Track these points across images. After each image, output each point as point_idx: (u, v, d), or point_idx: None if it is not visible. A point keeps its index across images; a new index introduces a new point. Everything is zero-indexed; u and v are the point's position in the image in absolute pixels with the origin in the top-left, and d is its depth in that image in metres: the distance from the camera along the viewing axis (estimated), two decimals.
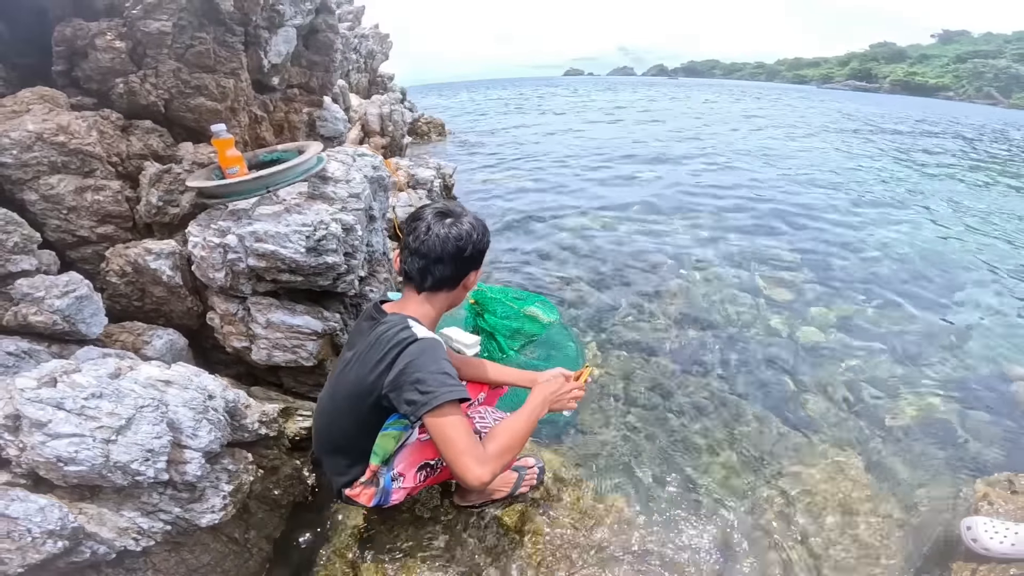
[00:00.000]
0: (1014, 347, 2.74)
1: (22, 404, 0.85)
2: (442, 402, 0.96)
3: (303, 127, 2.94)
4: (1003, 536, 1.45)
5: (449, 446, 0.97)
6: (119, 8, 2.22)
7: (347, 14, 9.37)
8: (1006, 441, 2.07)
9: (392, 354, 1.01)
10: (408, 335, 1.04)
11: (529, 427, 1.15)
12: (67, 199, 1.73)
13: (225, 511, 1.01)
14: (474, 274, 1.25)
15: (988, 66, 52.45)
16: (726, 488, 1.79)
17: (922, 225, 4.90)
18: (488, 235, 1.25)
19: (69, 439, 0.83)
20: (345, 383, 1.11)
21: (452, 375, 1.02)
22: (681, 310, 2.99)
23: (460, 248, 1.14)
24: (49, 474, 0.84)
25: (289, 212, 1.55)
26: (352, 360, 1.11)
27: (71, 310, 1.24)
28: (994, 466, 1.93)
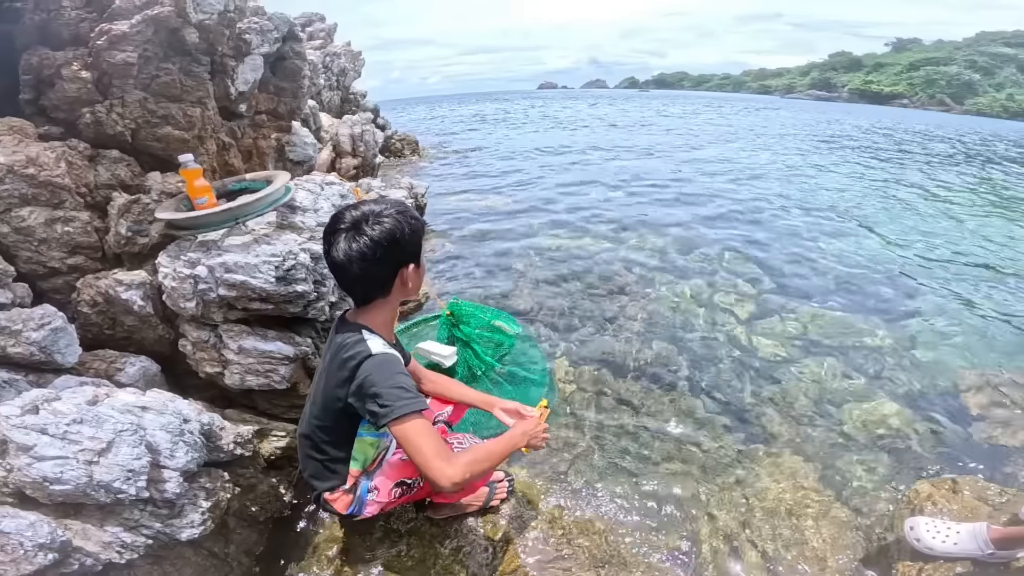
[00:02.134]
0: (962, 354, 2.92)
1: (8, 430, 0.92)
2: (400, 414, 1.02)
3: (272, 152, 3.03)
4: (945, 536, 1.51)
5: (416, 451, 1.03)
6: (84, 38, 2.31)
7: (319, 32, 9.47)
8: (953, 445, 2.22)
9: (350, 367, 1.10)
10: (363, 350, 1.10)
11: (505, 454, 1.22)
12: (38, 231, 1.79)
13: (204, 526, 1.09)
14: (408, 269, 1.21)
15: (940, 73, 55.75)
16: (688, 497, 1.90)
17: (874, 234, 5.19)
18: (409, 226, 1.17)
19: (54, 461, 0.90)
20: (319, 393, 1.20)
21: (407, 387, 1.08)
22: (646, 326, 3.13)
23: (369, 260, 1.11)
24: (35, 493, 0.91)
25: (258, 243, 1.65)
26: (322, 371, 1.20)
27: (47, 341, 1.31)
28: (941, 469, 2.07)
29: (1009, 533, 1.44)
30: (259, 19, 3.01)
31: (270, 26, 3.06)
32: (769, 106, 37.27)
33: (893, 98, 56.48)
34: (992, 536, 1.44)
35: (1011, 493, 1.76)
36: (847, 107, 45.14)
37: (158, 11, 2.29)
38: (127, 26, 2.20)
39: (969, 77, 53.92)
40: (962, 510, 1.70)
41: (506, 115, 23.44)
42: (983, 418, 2.39)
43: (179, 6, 2.36)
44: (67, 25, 2.26)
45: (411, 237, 1.17)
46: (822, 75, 73.63)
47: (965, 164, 10.88)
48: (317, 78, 6.70)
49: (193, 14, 2.42)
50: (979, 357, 2.91)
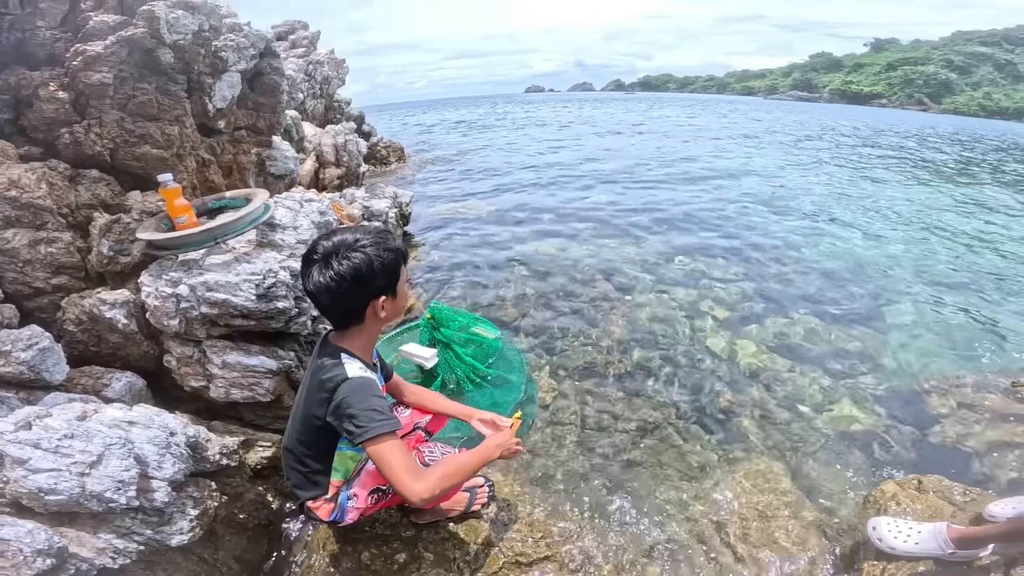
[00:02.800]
0: (930, 358, 3.06)
1: (3, 445, 0.99)
2: (374, 435, 1.10)
3: (253, 168, 3.09)
4: (906, 535, 1.55)
5: (388, 468, 1.11)
6: (60, 58, 2.37)
7: (302, 39, 9.48)
8: (920, 446, 2.33)
9: (327, 388, 1.17)
10: (339, 373, 1.17)
11: (477, 466, 1.30)
12: (22, 253, 1.85)
13: (193, 533, 1.15)
14: (380, 301, 1.24)
15: (918, 72, 57.25)
16: (666, 500, 1.99)
17: (850, 237, 5.36)
18: (380, 260, 1.19)
19: (48, 473, 0.97)
20: (300, 409, 1.28)
21: (380, 409, 1.15)
22: (627, 333, 3.23)
23: (335, 293, 1.16)
24: (31, 503, 0.98)
25: (238, 261, 1.72)
26: (303, 390, 1.28)
27: (35, 361, 1.37)
28: (906, 469, 2.16)
29: (969, 533, 1.48)
30: (235, 36, 3.07)
31: (246, 43, 3.12)
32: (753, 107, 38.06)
33: (872, 98, 57.90)
34: (952, 535, 1.47)
35: (975, 493, 1.82)
36: (828, 107, 46.23)
37: (132, 32, 2.32)
38: (102, 47, 2.25)
39: (946, 76, 55.38)
40: (926, 509, 1.75)
41: (493, 120, 23.62)
42: (949, 420, 2.50)
43: (152, 28, 2.39)
44: (42, 45, 2.31)
45: (382, 271, 1.20)
46: (803, 76, 75.27)
47: (941, 165, 11.26)
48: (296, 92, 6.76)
49: (167, 35, 2.46)
50: (946, 360, 3.03)
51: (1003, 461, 2.20)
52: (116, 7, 2.48)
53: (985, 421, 2.46)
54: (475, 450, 1.36)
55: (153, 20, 2.36)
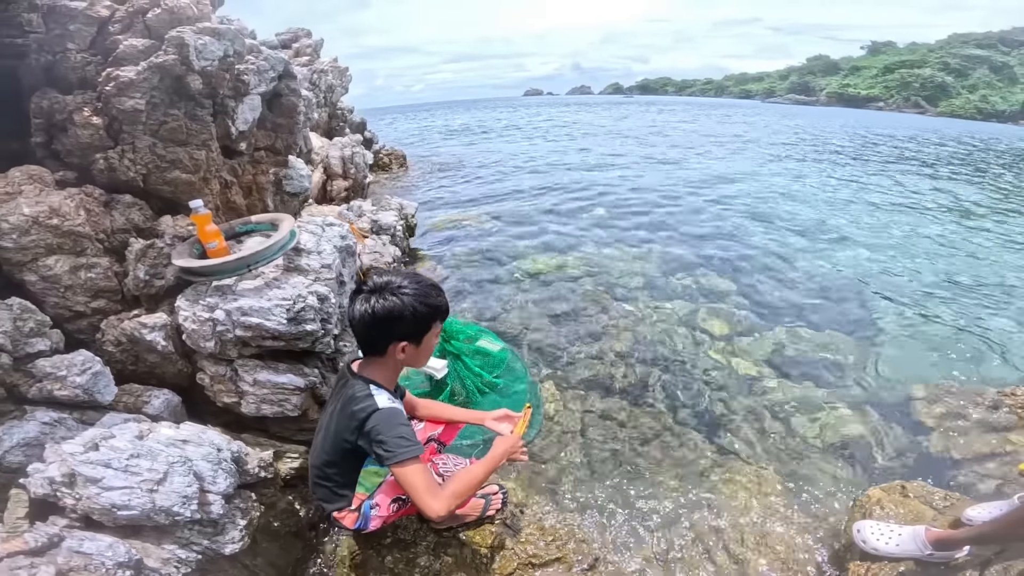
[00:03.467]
0: (916, 367, 3.18)
1: (77, 465, 1.11)
2: (401, 459, 1.25)
3: (270, 187, 3.21)
4: (888, 538, 1.67)
5: (411, 488, 1.26)
6: (91, 81, 2.46)
7: (306, 47, 9.59)
8: (906, 453, 2.45)
9: (360, 417, 1.31)
10: (371, 404, 1.31)
11: (487, 474, 1.44)
12: (64, 279, 1.97)
13: (243, 542, 1.28)
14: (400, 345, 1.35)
15: (914, 76, 57.52)
16: (666, 506, 2.12)
17: (843, 247, 5.49)
18: (417, 311, 1.32)
19: (120, 491, 1.09)
20: (330, 432, 1.41)
21: (407, 436, 1.29)
22: (628, 346, 3.35)
23: (368, 325, 1.30)
24: (102, 517, 1.10)
25: (269, 287, 1.84)
26: (333, 414, 1.41)
27: (89, 384, 1.49)
28: (893, 475, 2.28)
29: (946, 536, 1.60)
30: (255, 59, 3.19)
31: (266, 66, 3.24)
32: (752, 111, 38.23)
33: (869, 101, 58.18)
34: (930, 538, 1.60)
35: (955, 498, 1.95)
36: (825, 111, 46.46)
37: (163, 59, 2.40)
38: (134, 73, 2.33)
39: (942, 79, 55.63)
40: (908, 514, 1.86)
41: (493, 124, 23.77)
42: (935, 428, 2.62)
43: (182, 54, 2.47)
44: (74, 68, 2.40)
45: (412, 320, 1.33)
46: (801, 79, 75.64)
47: (936, 170, 11.40)
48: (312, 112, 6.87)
49: (196, 61, 2.52)
50: (934, 370, 3.15)
51: (983, 469, 2.32)
52: (143, 30, 2.55)
53: (969, 430, 2.58)
54: (483, 460, 1.49)
55: (183, 47, 2.43)
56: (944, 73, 56.33)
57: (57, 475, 1.10)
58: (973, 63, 56.96)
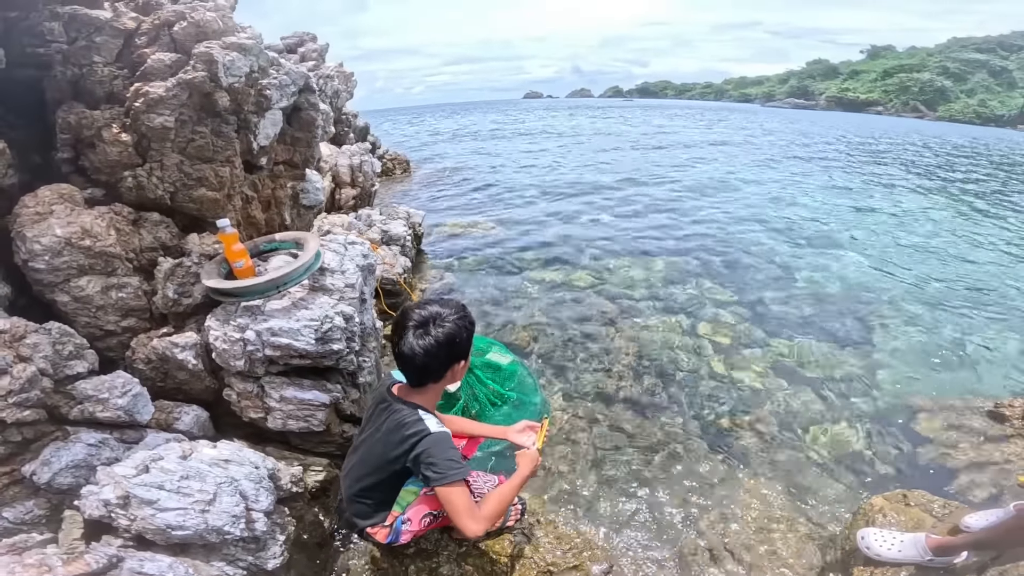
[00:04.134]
0: (917, 379, 3.26)
1: (132, 487, 1.17)
2: (451, 481, 1.34)
3: (288, 200, 3.28)
4: (891, 544, 1.75)
5: (453, 508, 1.35)
6: (119, 96, 2.43)
7: (311, 52, 9.62)
8: (905, 463, 2.53)
9: (412, 440, 1.39)
10: (423, 428, 1.39)
11: (517, 490, 1.56)
12: (96, 299, 2.03)
13: (283, 556, 1.34)
14: (459, 365, 1.47)
15: (913, 80, 57.73)
16: (675, 513, 2.20)
17: (844, 257, 5.56)
18: (467, 329, 1.44)
19: (175, 511, 1.16)
20: (374, 453, 1.49)
21: (456, 459, 1.38)
22: (636, 358, 3.43)
23: (431, 355, 1.38)
24: (155, 537, 1.17)
25: (296, 307, 1.91)
26: (376, 435, 1.48)
27: (129, 405, 1.56)
28: (894, 484, 2.36)
29: (945, 542, 1.69)
30: (277, 73, 3.23)
31: (287, 80, 3.28)
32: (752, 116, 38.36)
33: (868, 105, 58.39)
34: (930, 544, 1.68)
35: (953, 506, 2.02)
36: (824, 115, 46.62)
37: (192, 76, 2.38)
38: (163, 89, 2.32)
39: (941, 84, 55.80)
40: (908, 521, 1.95)
41: (494, 128, 23.86)
42: (935, 439, 2.70)
43: (211, 71, 2.44)
44: (101, 83, 2.39)
45: (466, 339, 1.45)
46: (800, 83, 75.86)
47: (935, 177, 11.49)
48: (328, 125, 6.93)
49: (224, 78, 2.50)
50: (935, 381, 3.24)
51: (980, 478, 2.41)
52: (170, 44, 2.54)
53: (967, 440, 2.67)
54: (512, 479, 1.58)
55: (211, 63, 2.42)
56: (943, 77, 56.52)
57: (112, 497, 1.17)
58: (972, 67, 57.15)
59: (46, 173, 2.49)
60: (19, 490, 1.32)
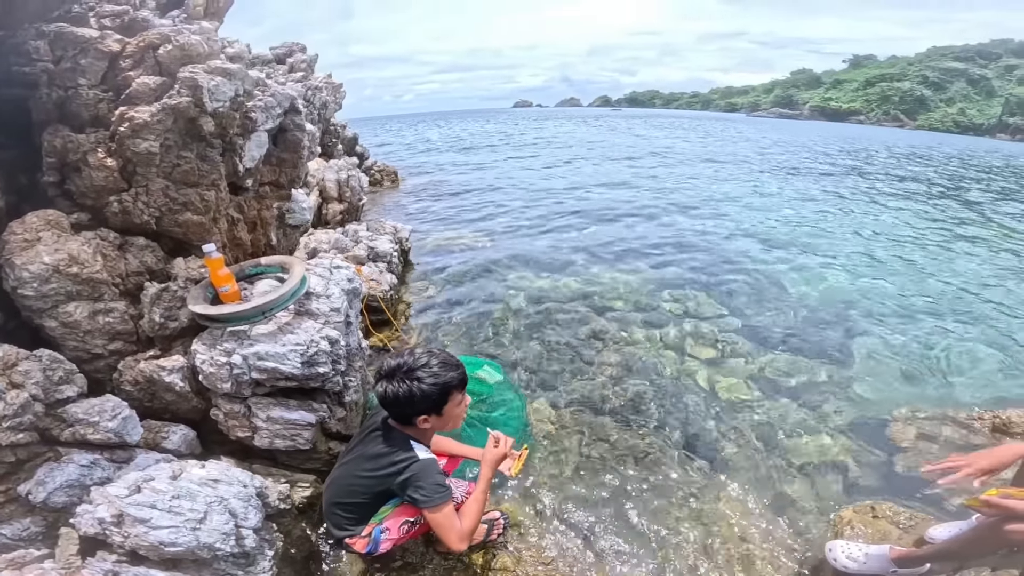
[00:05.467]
0: (892, 389, 3.38)
1: (125, 507, 1.26)
2: (438, 503, 1.48)
3: (273, 221, 3.37)
4: (857, 556, 1.83)
5: (440, 528, 1.50)
6: (104, 120, 2.47)
7: (300, 63, 9.70)
8: (879, 474, 2.62)
9: (400, 466, 1.53)
10: (412, 456, 1.54)
11: (485, 498, 1.66)
12: (83, 324, 2.10)
13: (272, 571, 1.42)
14: (423, 419, 1.59)
15: (894, 89, 59.48)
16: (656, 525, 2.29)
17: (824, 269, 5.73)
18: (430, 392, 1.54)
19: (168, 529, 1.24)
20: (361, 473, 1.59)
21: (443, 484, 1.52)
22: (619, 368, 3.54)
23: (395, 405, 1.55)
24: (148, 553, 1.25)
25: (283, 332, 2.00)
26: (366, 455, 1.59)
27: (119, 428, 1.64)
28: (867, 495, 2.45)
29: (909, 554, 1.78)
30: (263, 95, 3.32)
31: (273, 102, 3.37)
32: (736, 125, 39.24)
33: (851, 114, 60.07)
34: (894, 556, 1.77)
35: (919, 518, 2.13)
36: (808, 125, 47.80)
37: (177, 101, 2.42)
38: (148, 115, 2.35)
39: (921, 93, 57.51)
40: (876, 533, 2.05)
41: (483, 137, 24.12)
42: (907, 449, 2.80)
43: (196, 96, 2.48)
44: (86, 106, 2.43)
45: (423, 399, 1.55)
46: (785, 92, 77.82)
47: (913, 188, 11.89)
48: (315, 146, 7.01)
49: (209, 103, 2.54)
50: (910, 392, 3.35)
51: (950, 489, 2.52)
52: (154, 67, 2.56)
53: (938, 451, 2.76)
54: (477, 484, 1.70)
55: (196, 89, 2.46)
56: (923, 86, 58.24)
57: (107, 516, 1.25)
58: (951, 76, 58.86)
59: (33, 195, 2.54)
60: (15, 508, 1.40)
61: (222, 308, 2.04)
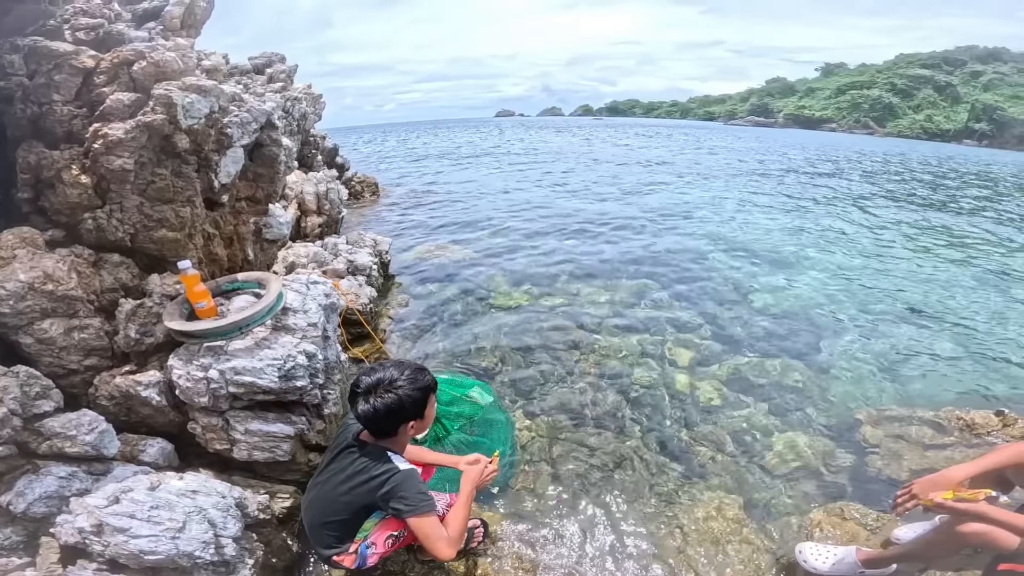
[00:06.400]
0: (863, 391, 3.50)
1: (105, 517, 1.30)
2: (421, 512, 1.52)
3: (250, 236, 3.40)
4: (826, 558, 1.89)
5: (425, 536, 1.53)
6: (78, 136, 2.49)
7: (279, 73, 9.68)
8: (848, 475, 2.70)
9: (381, 479, 1.56)
10: (392, 467, 1.58)
11: (469, 509, 1.72)
12: (59, 340, 2.12)
13: None
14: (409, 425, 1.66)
15: (864, 97, 61.38)
16: (635, 528, 2.35)
17: (795, 275, 5.92)
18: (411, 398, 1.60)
19: (147, 538, 1.28)
20: (338, 493, 1.62)
21: (426, 493, 1.56)
22: (598, 376, 3.62)
23: (377, 419, 1.58)
24: (128, 562, 1.29)
25: (260, 347, 2.05)
26: (341, 476, 1.63)
27: (96, 441, 1.67)
28: (838, 496, 2.53)
29: (875, 555, 1.85)
30: (239, 110, 3.36)
31: (249, 118, 3.41)
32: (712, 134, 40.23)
33: (823, 122, 62.02)
34: (861, 557, 1.85)
35: (886, 519, 2.21)
36: (782, 133, 49.19)
37: (151, 118, 2.45)
38: (122, 131, 2.37)
39: (889, 100, 59.53)
40: (844, 535, 2.12)
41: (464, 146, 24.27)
42: (877, 450, 2.89)
43: (170, 114, 2.51)
44: (60, 122, 2.45)
45: (412, 406, 1.62)
46: (760, 101, 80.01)
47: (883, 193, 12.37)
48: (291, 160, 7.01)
49: (184, 120, 2.57)
50: (880, 394, 3.48)
51: None
52: (129, 83, 2.60)
53: (906, 452, 2.85)
54: (460, 498, 1.76)
55: (171, 106, 2.49)
56: (891, 94, 60.21)
57: (86, 525, 1.28)
58: (918, 83, 60.69)
59: (7, 211, 2.55)
60: None
61: (198, 324, 2.08)
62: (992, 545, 1.49)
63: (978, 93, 53.62)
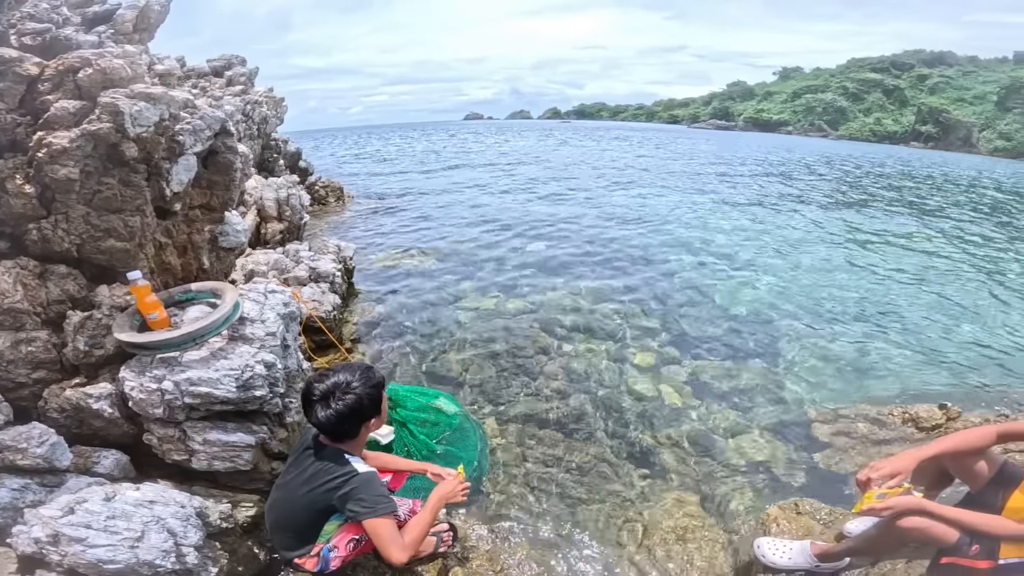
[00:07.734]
0: (815, 389, 3.71)
1: (60, 527, 1.31)
2: (379, 514, 1.55)
3: (205, 245, 3.36)
4: (783, 552, 1.92)
5: (380, 539, 1.56)
6: (22, 145, 2.42)
7: (239, 76, 9.45)
8: (803, 471, 2.85)
9: (339, 481, 1.60)
10: (351, 470, 1.62)
11: (433, 519, 1.77)
12: (5, 354, 2.08)
13: None
14: (370, 423, 1.70)
15: (818, 100, 64.15)
16: (602, 529, 2.45)
17: (753, 277, 6.20)
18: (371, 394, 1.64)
19: (105, 547, 1.30)
20: (298, 495, 1.66)
21: (385, 495, 1.60)
22: (564, 382, 3.72)
23: (338, 423, 1.61)
24: (88, 571, 1.30)
25: (216, 357, 2.06)
26: (301, 478, 1.66)
27: (48, 453, 1.67)
28: (793, 492, 2.62)
29: (827, 549, 1.87)
30: (191, 117, 3.31)
31: (202, 125, 3.35)
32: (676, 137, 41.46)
33: (780, 125, 64.74)
34: (815, 552, 1.91)
35: (838, 513, 2.29)
36: (741, 136, 51.07)
37: (97, 127, 2.40)
38: (67, 140, 2.33)
39: (841, 104, 62.49)
40: (799, 529, 2.15)
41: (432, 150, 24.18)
42: (828, 446, 3.06)
43: (117, 122, 2.45)
44: (4, 130, 2.39)
45: (371, 405, 1.67)
46: (722, 104, 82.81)
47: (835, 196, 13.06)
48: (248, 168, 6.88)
49: (131, 128, 2.52)
50: (831, 392, 3.69)
51: None
52: (74, 91, 2.54)
53: (855, 447, 3.03)
54: (426, 507, 1.81)
55: (117, 115, 2.43)
56: (843, 97, 63.05)
57: (42, 535, 1.29)
58: (868, 87, 63.51)
59: None
60: None
61: (151, 336, 2.07)
62: (931, 540, 1.55)
63: (924, 96, 56.36)
